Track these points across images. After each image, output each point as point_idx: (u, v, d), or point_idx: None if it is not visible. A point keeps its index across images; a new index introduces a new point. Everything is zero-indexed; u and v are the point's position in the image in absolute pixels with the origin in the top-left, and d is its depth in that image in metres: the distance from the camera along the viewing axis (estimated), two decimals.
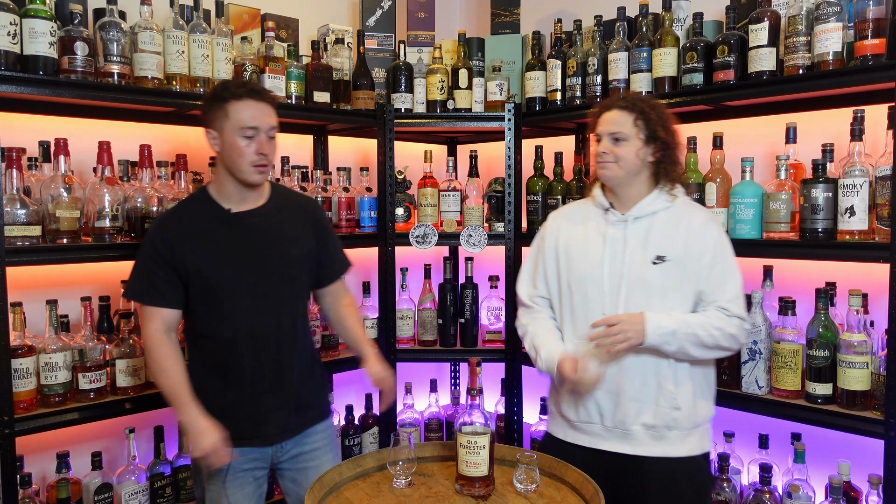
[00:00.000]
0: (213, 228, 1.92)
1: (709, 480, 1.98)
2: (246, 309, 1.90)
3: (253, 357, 1.92)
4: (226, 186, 1.94)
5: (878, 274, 2.09)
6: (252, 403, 1.93)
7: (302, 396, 2.02)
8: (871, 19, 1.99)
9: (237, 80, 1.90)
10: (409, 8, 3.04)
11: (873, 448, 2.11)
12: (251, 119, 1.85)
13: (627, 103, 1.90)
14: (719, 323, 1.82)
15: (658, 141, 1.88)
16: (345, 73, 2.82)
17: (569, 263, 1.97)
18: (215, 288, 1.90)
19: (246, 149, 1.86)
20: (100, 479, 2.20)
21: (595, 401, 1.91)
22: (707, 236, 1.88)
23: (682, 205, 1.93)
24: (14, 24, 1.96)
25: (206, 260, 1.89)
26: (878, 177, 1.99)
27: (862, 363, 2.02)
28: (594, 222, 1.98)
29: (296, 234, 2.02)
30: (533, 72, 2.85)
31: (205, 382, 1.92)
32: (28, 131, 2.24)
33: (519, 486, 1.71)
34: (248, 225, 1.95)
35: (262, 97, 1.89)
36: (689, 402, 1.87)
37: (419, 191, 2.89)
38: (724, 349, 1.87)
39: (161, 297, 1.89)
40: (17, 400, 2.00)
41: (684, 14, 2.54)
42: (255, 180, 1.91)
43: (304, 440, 2.03)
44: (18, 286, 2.19)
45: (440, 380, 3.25)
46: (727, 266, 1.88)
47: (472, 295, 2.95)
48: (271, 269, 1.94)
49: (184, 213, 1.97)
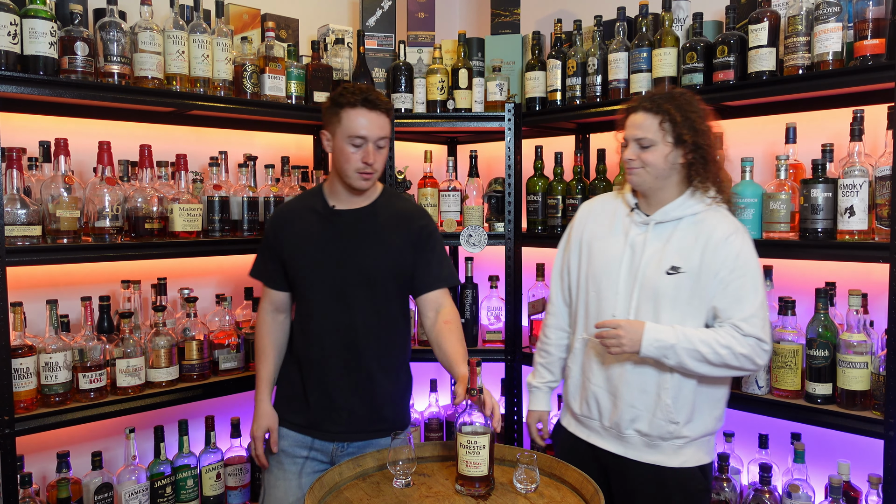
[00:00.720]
0: (312, 221, 2.01)
1: (703, 489, 1.88)
2: (322, 303, 1.97)
3: (322, 351, 1.98)
4: (335, 185, 2.02)
5: (877, 274, 2.09)
6: (320, 396, 1.98)
7: (374, 402, 1.99)
8: (870, 19, 2.00)
9: (355, 87, 1.91)
10: (409, 8, 3.04)
11: (873, 448, 2.11)
12: (361, 128, 1.88)
13: (653, 104, 1.81)
14: (728, 341, 1.73)
15: (687, 143, 1.79)
16: (345, 74, 2.82)
17: (590, 257, 1.96)
18: (300, 278, 2.00)
19: (353, 156, 1.90)
20: (100, 479, 2.20)
21: (596, 398, 1.92)
22: (726, 251, 1.78)
23: (711, 213, 1.83)
24: (14, 24, 1.96)
25: (297, 249, 1.99)
26: (877, 177, 1.99)
27: (861, 363, 2.03)
28: (620, 220, 1.95)
29: (387, 239, 1.99)
30: (533, 72, 2.85)
31: (287, 366, 2.08)
32: (28, 131, 2.25)
33: (519, 486, 1.72)
34: (345, 223, 1.99)
35: (376, 107, 1.89)
36: (686, 418, 1.82)
37: (419, 191, 2.89)
38: (735, 369, 1.77)
39: (268, 278, 2.07)
40: (17, 400, 2.00)
41: (684, 14, 2.54)
42: (359, 186, 1.95)
43: (365, 449, 1.98)
44: (19, 286, 2.19)
45: (440, 380, 3.25)
46: (745, 283, 1.77)
47: (472, 295, 2.95)
48: (350, 268, 1.96)
49: (296, 202, 2.09)
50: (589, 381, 1.94)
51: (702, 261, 1.79)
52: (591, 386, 1.93)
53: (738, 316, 1.76)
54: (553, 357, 2.12)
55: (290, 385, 2.05)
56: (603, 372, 1.91)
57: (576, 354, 2.00)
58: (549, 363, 2.13)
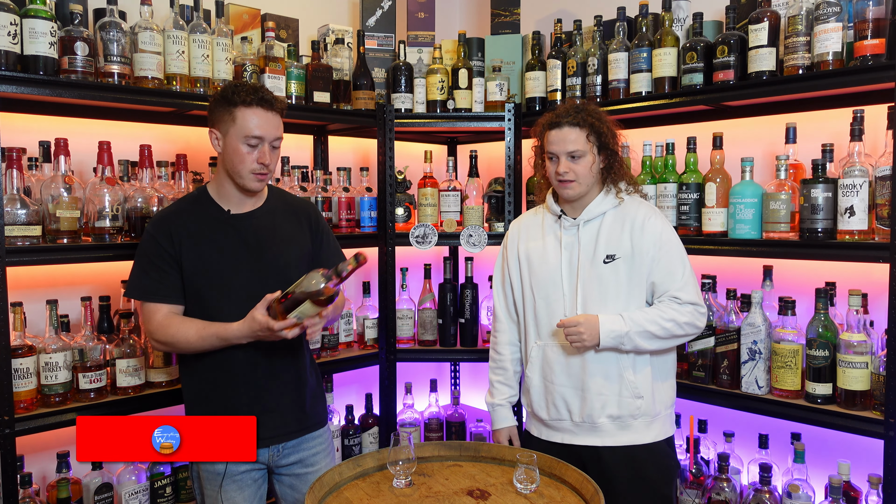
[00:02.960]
0: (212, 229, 1.92)
1: (674, 465, 2.08)
2: (239, 311, 1.83)
3: (246, 358, 1.91)
4: (225, 188, 1.95)
5: (877, 274, 2.09)
6: (247, 405, 1.92)
7: (298, 400, 2.01)
8: (870, 19, 2.00)
9: (248, 85, 1.87)
10: (409, 8, 3.04)
11: (873, 448, 2.11)
12: (257, 128, 1.85)
13: (578, 119, 1.97)
14: (671, 314, 1.91)
15: (607, 149, 1.99)
16: (345, 73, 2.82)
17: (530, 269, 2.09)
18: (210, 288, 1.90)
19: (248, 156, 1.86)
20: (100, 479, 2.20)
21: (563, 398, 2.02)
22: (649, 230, 1.96)
23: (628, 203, 2.02)
24: (14, 24, 1.96)
25: (204, 260, 1.89)
26: (877, 177, 1.99)
27: (861, 363, 2.03)
28: (550, 229, 2.09)
29: (292, 236, 2.02)
30: (533, 72, 2.85)
31: (201, 383, 1.94)
32: (28, 131, 2.24)
33: (519, 486, 1.72)
34: (246, 227, 1.95)
35: (271, 107, 1.88)
36: (649, 389, 1.98)
37: (419, 191, 2.89)
38: (681, 337, 1.96)
39: (168, 293, 1.89)
40: (17, 400, 2.00)
41: (684, 14, 2.54)
42: (253, 188, 1.91)
43: (302, 445, 2.02)
44: (19, 286, 2.19)
45: (440, 380, 3.25)
46: (673, 257, 1.96)
47: (471, 295, 2.95)
48: (267, 270, 1.93)
49: (183, 211, 1.96)
50: (552, 384, 2.03)
51: (632, 244, 1.97)
52: (556, 388, 2.03)
53: (674, 287, 1.94)
54: (509, 372, 2.22)
55: (209, 402, 1.92)
56: (565, 371, 2.01)
57: (533, 363, 2.08)
58: (506, 379, 2.22)
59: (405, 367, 3.07)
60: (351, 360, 2.85)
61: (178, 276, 1.89)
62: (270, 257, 1.95)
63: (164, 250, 1.88)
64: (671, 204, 2.44)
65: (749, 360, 2.25)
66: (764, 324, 2.23)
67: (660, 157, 2.51)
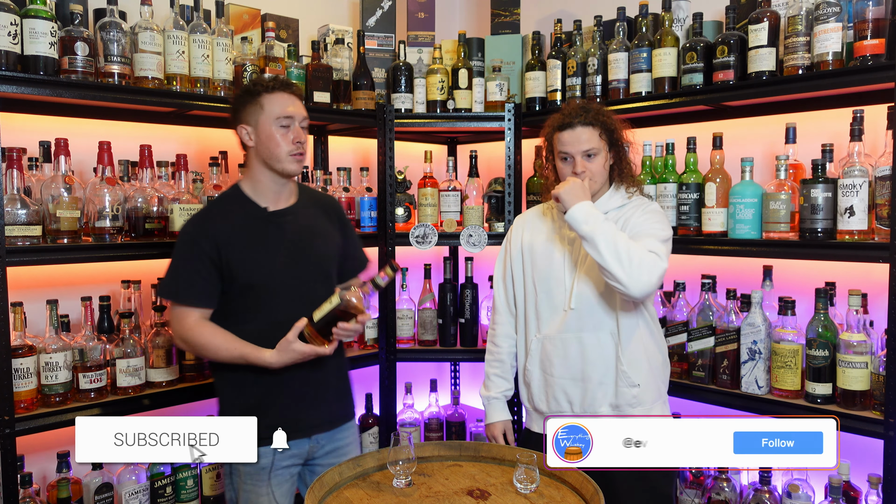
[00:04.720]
0: (254, 227, 1.94)
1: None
2: (285, 306, 1.91)
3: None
4: (262, 182, 1.96)
5: (877, 274, 2.09)
6: (290, 397, 1.96)
7: (337, 390, 2.07)
8: (870, 19, 2.00)
9: (265, 76, 1.95)
10: (409, 8, 3.04)
11: (873, 448, 2.11)
12: (287, 109, 1.90)
13: (589, 118, 1.97)
14: (636, 245, 1.83)
15: (617, 147, 2.02)
16: (345, 74, 2.82)
17: (533, 263, 2.10)
18: (259, 286, 1.91)
19: (283, 138, 1.90)
20: (100, 479, 2.20)
21: (563, 390, 2.03)
22: (637, 214, 1.97)
23: (634, 204, 2.03)
24: (14, 24, 1.96)
25: (251, 259, 1.91)
26: (877, 177, 1.99)
27: (861, 363, 2.03)
28: (555, 224, 2.11)
29: (327, 230, 2.07)
30: (533, 72, 2.85)
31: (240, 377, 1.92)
32: (28, 131, 2.25)
33: (519, 486, 1.72)
34: (286, 223, 1.98)
35: (292, 90, 1.95)
36: (644, 381, 1.99)
37: (419, 191, 2.89)
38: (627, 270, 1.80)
39: (203, 297, 1.89)
40: (17, 400, 2.00)
41: (684, 14, 2.54)
42: (294, 169, 1.94)
43: (337, 436, 2.06)
44: (19, 286, 2.19)
45: (440, 380, 3.25)
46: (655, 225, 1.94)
47: (471, 295, 2.95)
48: (307, 266, 1.97)
49: (222, 211, 1.97)
50: (552, 376, 2.05)
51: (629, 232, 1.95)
52: (556, 380, 2.04)
53: (645, 240, 1.87)
54: (506, 365, 2.22)
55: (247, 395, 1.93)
56: (565, 362, 2.02)
57: (533, 355, 2.09)
58: (503, 372, 2.22)
59: (405, 367, 3.07)
60: (351, 360, 2.83)
61: (216, 278, 1.89)
62: (312, 252, 1.99)
63: (203, 251, 1.87)
64: (671, 204, 2.44)
65: (749, 360, 2.25)
66: (764, 324, 2.23)
67: (660, 157, 2.51)
